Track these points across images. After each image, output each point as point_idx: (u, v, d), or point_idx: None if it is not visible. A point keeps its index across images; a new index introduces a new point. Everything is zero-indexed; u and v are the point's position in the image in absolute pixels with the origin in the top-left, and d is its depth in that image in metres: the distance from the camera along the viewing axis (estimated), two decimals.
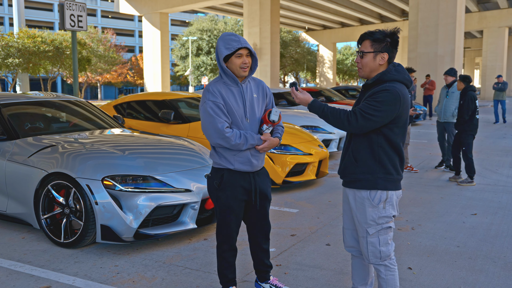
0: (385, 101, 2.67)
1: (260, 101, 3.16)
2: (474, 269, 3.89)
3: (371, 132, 2.77)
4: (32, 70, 25.02)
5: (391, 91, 2.69)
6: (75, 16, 10.16)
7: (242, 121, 3.05)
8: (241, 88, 3.07)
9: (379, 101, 2.68)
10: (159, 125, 7.37)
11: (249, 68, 3.05)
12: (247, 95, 3.08)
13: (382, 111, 2.67)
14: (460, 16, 21.36)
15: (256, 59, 3.09)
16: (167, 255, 4.19)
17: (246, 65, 3.01)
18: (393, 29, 2.82)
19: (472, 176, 7.23)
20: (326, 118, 2.83)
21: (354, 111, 2.74)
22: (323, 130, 9.45)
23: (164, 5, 33.40)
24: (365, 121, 2.69)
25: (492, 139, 12.98)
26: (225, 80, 3.07)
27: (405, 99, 2.74)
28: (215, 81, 3.09)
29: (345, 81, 67.94)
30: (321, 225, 5.12)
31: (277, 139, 3.14)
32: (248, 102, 3.08)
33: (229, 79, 3.06)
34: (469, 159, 7.27)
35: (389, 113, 2.68)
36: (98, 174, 4.20)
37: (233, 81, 3.06)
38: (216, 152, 3.11)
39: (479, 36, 51.65)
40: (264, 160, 3.31)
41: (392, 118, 2.71)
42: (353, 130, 2.75)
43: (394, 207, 2.84)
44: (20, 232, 4.83)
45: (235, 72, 3.03)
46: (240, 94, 3.07)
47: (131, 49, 74.02)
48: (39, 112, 5.69)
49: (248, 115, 3.07)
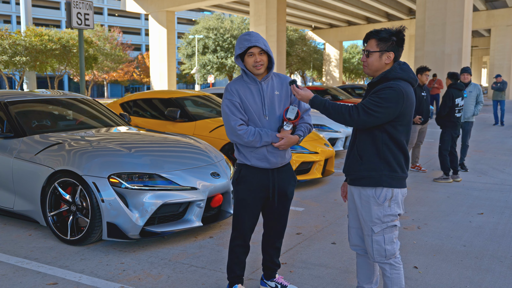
0: (388, 98, 2.67)
1: (283, 98, 3.14)
2: (480, 269, 3.88)
3: (375, 130, 2.77)
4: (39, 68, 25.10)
5: (394, 88, 2.68)
6: (82, 14, 10.20)
7: (260, 119, 3.06)
8: (260, 86, 3.09)
9: (382, 98, 2.68)
10: (165, 123, 7.39)
11: (264, 66, 3.05)
12: (266, 92, 3.09)
13: (384, 107, 2.66)
14: (468, 15, 21.22)
15: (271, 56, 3.08)
16: (172, 253, 4.20)
17: (259, 63, 3.01)
18: (399, 28, 2.81)
19: (447, 172, 7.34)
20: (328, 112, 2.82)
21: (356, 106, 2.74)
22: (329, 128, 9.43)
23: (171, 3, 33.44)
24: (366, 116, 2.69)
25: (499, 138, 12.91)
26: (245, 78, 3.10)
27: (409, 97, 2.73)
28: (235, 80, 3.13)
29: (351, 79, 67.77)
30: (326, 224, 5.12)
31: (297, 137, 3.09)
32: (267, 99, 3.08)
33: (248, 78, 3.09)
34: (443, 155, 7.37)
35: (391, 110, 2.68)
36: (104, 171, 4.22)
37: (252, 79, 3.08)
38: (237, 148, 3.17)
39: (486, 34, 51.35)
40: (291, 157, 3.30)
41: (395, 115, 2.70)
42: (355, 124, 2.75)
43: (399, 205, 2.84)
44: (27, 229, 4.86)
45: (251, 71, 3.05)
46: (259, 91, 3.08)
47: (137, 47, 74.22)
48: (46, 110, 5.72)
49: (267, 113, 3.08)
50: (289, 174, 3.25)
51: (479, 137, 13.10)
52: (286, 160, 3.21)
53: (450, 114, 7.28)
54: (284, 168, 3.22)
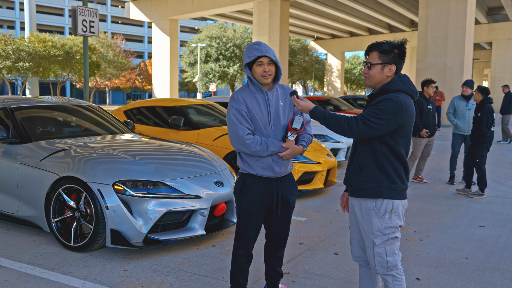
0: (387, 110, 2.69)
1: (287, 108, 3.19)
2: (482, 281, 3.89)
3: (375, 141, 2.79)
4: (42, 74, 25.23)
5: (394, 100, 2.71)
6: (87, 22, 10.28)
7: (265, 128, 3.09)
8: (266, 96, 3.12)
9: (381, 110, 2.70)
10: (169, 131, 7.42)
11: (272, 76, 3.09)
12: (272, 102, 3.12)
13: (383, 119, 2.69)
14: (470, 28, 21.36)
15: (279, 67, 3.12)
16: (175, 261, 4.21)
17: (267, 73, 3.04)
18: (401, 40, 2.84)
19: (483, 189, 7.16)
20: (327, 123, 2.85)
21: (355, 117, 2.77)
22: (331, 139, 9.46)
23: (175, 12, 33.66)
24: (365, 127, 2.72)
25: (500, 151, 12.93)
26: (251, 87, 3.13)
27: (408, 110, 2.75)
28: (241, 89, 3.16)
29: (353, 90, 67.96)
30: (329, 234, 5.13)
31: (301, 147, 3.15)
32: (273, 109, 3.12)
33: (255, 87, 3.12)
34: (482, 171, 7.17)
35: (390, 122, 2.70)
36: (109, 178, 4.24)
37: (258, 89, 3.11)
38: (241, 158, 3.18)
39: (488, 47, 51.57)
40: (292, 167, 3.33)
41: (394, 127, 2.73)
42: (354, 135, 2.78)
43: (400, 217, 2.85)
44: (30, 235, 4.88)
45: (259, 80, 3.08)
46: (265, 101, 3.11)
47: (140, 55, 74.52)
48: (51, 116, 5.75)
49: (272, 122, 3.11)
50: (292, 184, 3.29)
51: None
52: (289, 170, 3.24)
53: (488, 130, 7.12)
54: (287, 177, 3.25)
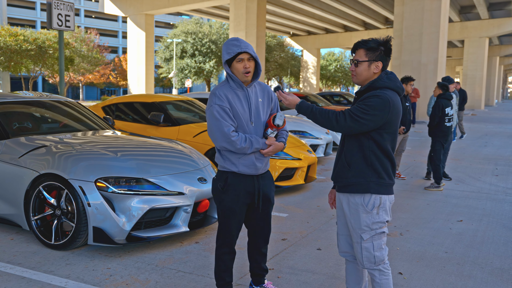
0: (374, 106, 2.73)
1: (265, 105, 3.19)
2: (462, 275, 3.97)
3: (362, 137, 2.83)
4: (14, 68, 24.67)
5: (381, 97, 2.75)
6: (62, 16, 10.07)
7: (247, 125, 3.07)
8: (247, 92, 3.10)
9: (369, 105, 2.74)
10: (148, 127, 7.35)
11: (251, 73, 3.07)
12: (252, 99, 3.11)
13: (370, 115, 2.73)
14: (444, 26, 21.73)
15: (259, 63, 3.11)
16: (159, 258, 4.18)
17: (247, 70, 3.02)
18: (386, 38, 2.89)
19: (439, 182, 7.45)
20: (315, 118, 2.87)
21: (343, 112, 2.80)
22: (310, 135, 9.52)
23: (150, 7, 33.25)
24: (353, 122, 2.75)
25: (473, 147, 13.21)
26: (231, 84, 3.10)
27: (395, 106, 2.79)
28: (221, 85, 3.11)
29: (328, 86, 68.42)
30: (311, 230, 5.16)
31: (282, 144, 3.17)
32: (253, 106, 3.10)
33: (235, 84, 3.08)
34: (436, 165, 7.48)
35: (377, 118, 2.74)
36: (91, 175, 4.18)
37: (239, 85, 3.08)
38: (221, 155, 3.13)
39: (460, 45, 52.52)
40: (269, 164, 3.33)
41: (381, 123, 2.77)
42: (341, 129, 2.81)
43: (387, 212, 2.89)
44: (8, 233, 4.77)
45: (238, 77, 3.05)
46: (246, 98, 3.09)
47: (114, 50, 73.44)
48: (29, 112, 5.63)
49: (253, 119, 3.09)
50: (270, 180, 3.32)
51: (454, 145, 13.39)
52: (268, 166, 3.26)
53: (440, 123, 7.43)
54: (266, 174, 3.27)
